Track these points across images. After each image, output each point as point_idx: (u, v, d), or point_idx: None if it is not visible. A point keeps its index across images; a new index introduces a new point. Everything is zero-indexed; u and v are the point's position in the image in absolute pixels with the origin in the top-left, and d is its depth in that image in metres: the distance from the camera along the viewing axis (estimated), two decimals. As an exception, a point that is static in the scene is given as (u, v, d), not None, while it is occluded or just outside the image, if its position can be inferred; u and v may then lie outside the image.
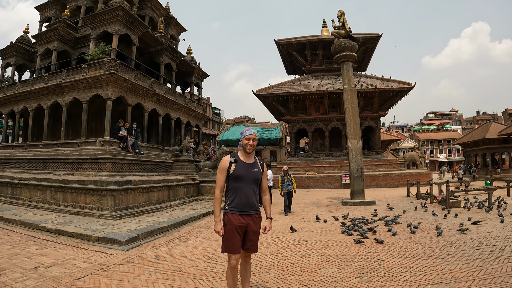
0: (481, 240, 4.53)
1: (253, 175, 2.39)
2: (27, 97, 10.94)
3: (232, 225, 2.32)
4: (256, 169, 2.42)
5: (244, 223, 2.34)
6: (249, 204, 2.36)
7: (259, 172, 2.44)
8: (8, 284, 2.96)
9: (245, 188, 2.36)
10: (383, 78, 19.70)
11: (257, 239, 2.44)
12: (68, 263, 3.67)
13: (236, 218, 2.32)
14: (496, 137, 25.00)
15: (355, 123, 9.91)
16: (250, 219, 2.37)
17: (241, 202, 2.35)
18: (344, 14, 10.31)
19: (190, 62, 14.14)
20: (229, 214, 2.37)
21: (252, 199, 2.38)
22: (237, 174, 2.35)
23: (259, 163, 2.50)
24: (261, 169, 2.47)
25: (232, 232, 2.31)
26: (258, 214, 2.44)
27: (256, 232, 2.42)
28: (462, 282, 2.89)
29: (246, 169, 2.38)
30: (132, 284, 3.03)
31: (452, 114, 64.19)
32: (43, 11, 12.81)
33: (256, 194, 2.44)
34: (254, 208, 2.40)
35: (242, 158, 2.43)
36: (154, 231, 5.31)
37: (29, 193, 7.81)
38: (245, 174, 2.36)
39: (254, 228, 2.39)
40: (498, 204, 7.97)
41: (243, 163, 2.40)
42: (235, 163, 2.38)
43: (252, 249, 2.43)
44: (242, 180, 2.35)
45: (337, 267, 3.48)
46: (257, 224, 2.42)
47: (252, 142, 2.42)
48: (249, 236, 2.38)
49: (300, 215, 7.48)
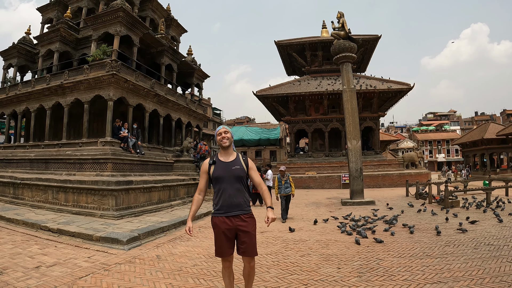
0: (480, 239, 4.55)
1: (234, 173, 2.26)
2: (29, 98, 11.00)
3: (219, 229, 2.24)
4: (237, 166, 2.29)
5: (231, 226, 2.22)
6: (234, 204, 2.24)
7: (241, 169, 2.29)
8: (10, 283, 2.97)
9: (228, 189, 2.24)
10: (382, 79, 19.75)
11: (252, 241, 2.25)
12: (70, 262, 3.69)
13: (222, 221, 2.23)
14: (494, 137, 25.08)
15: (355, 123, 9.93)
16: (238, 219, 2.24)
17: (225, 204, 2.24)
18: (344, 15, 10.36)
19: (190, 63, 14.19)
20: (215, 218, 2.28)
21: (238, 199, 2.25)
22: (216, 175, 2.27)
23: (241, 159, 2.35)
24: (244, 166, 2.32)
25: (219, 236, 2.24)
26: (247, 214, 2.29)
27: (248, 232, 2.24)
28: (460, 282, 2.90)
29: (226, 168, 2.27)
30: (133, 283, 3.05)
31: (451, 115, 64.26)
32: (45, 13, 12.88)
33: (242, 193, 2.29)
34: (242, 207, 2.26)
35: (221, 157, 2.34)
36: (155, 231, 5.35)
37: (31, 193, 7.85)
38: (225, 173, 2.26)
39: (244, 229, 2.23)
40: (496, 204, 8.00)
41: (222, 163, 2.30)
42: (213, 165, 2.30)
43: (249, 252, 2.24)
44: (223, 180, 2.25)
45: (337, 267, 3.49)
46: (248, 224, 2.26)
47: (225, 135, 2.32)
48: (240, 238, 2.24)
49: (300, 216, 7.50)
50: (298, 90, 19.47)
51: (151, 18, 13.00)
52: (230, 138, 2.36)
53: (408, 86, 18.79)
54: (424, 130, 56.84)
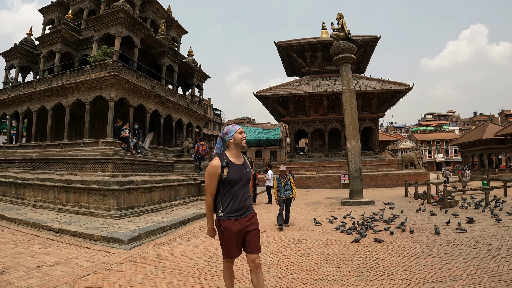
0: (478, 239, 4.56)
1: (246, 176, 2.27)
2: (30, 98, 11.06)
3: (230, 232, 2.20)
4: (247, 169, 2.30)
5: (241, 227, 2.24)
6: (245, 207, 2.26)
7: (249, 172, 2.32)
8: (12, 282, 2.98)
9: (239, 192, 2.22)
10: (382, 80, 19.81)
11: (258, 237, 2.32)
12: (71, 262, 3.71)
13: (234, 224, 2.21)
14: (493, 137, 25.15)
15: (354, 124, 9.97)
16: (246, 219, 2.27)
17: (237, 207, 2.22)
18: (343, 16, 10.40)
19: (191, 64, 14.25)
20: (225, 221, 2.22)
21: (248, 201, 2.30)
22: (231, 178, 2.18)
23: (247, 162, 2.38)
24: (251, 169, 2.36)
25: (230, 239, 2.22)
26: (253, 212, 2.36)
27: (255, 229, 2.31)
28: (459, 281, 2.91)
29: (239, 172, 2.23)
30: (134, 282, 3.06)
31: (450, 115, 64.34)
32: (46, 14, 12.95)
33: (249, 195, 2.36)
34: (250, 209, 2.32)
35: (232, 159, 2.24)
36: (156, 231, 5.37)
37: (32, 193, 7.89)
38: (239, 177, 2.21)
39: (252, 227, 2.29)
40: (495, 204, 8.02)
41: (235, 166, 2.23)
42: (226, 167, 2.20)
43: (256, 249, 2.28)
44: (236, 184, 2.21)
45: (336, 266, 3.51)
46: (254, 221, 2.33)
47: (244, 135, 2.31)
48: (248, 236, 2.28)
49: (300, 215, 7.52)
50: (298, 90, 19.52)
51: (152, 19, 13.06)
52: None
53: (407, 86, 18.84)
54: (423, 131, 57.01)
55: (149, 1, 12.71)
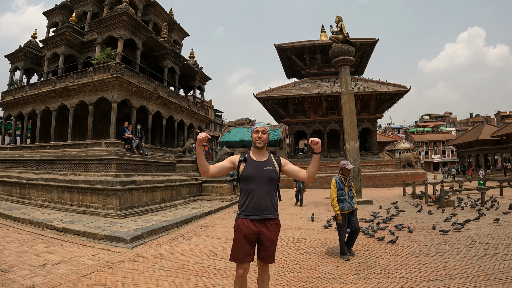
0: (475, 238, 4.61)
1: (266, 174, 2.08)
2: (35, 100, 11.19)
3: (240, 231, 2.08)
4: (269, 167, 2.11)
5: (255, 230, 2.07)
6: (261, 208, 2.07)
7: (273, 171, 2.12)
8: (16, 280, 3.01)
9: (256, 190, 2.06)
10: (380, 82, 19.95)
11: (274, 249, 2.14)
12: (75, 260, 3.75)
13: (246, 225, 2.07)
14: (489, 138, 25.23)
15: (353, 125, 10.04)
16: (263, 225, 2.08)
17: (252, 206, 2.07)
18: (342, 19, 10.50)
19: (192, 66, 14.38)
20: (238, 219, 2.12)
21: (266, 202, 2.08)
22: (245, 174, 2.09)
23: (274, 160, 2.18)
24: (276, 167, 2.15)
25: (240, 239, 2.08)
26: (274, 220, 2.13)
27: (272, 240, 2.12)
28: (456, 279, 2.95)
29: (257, 168, 2.09)
30: (137, 280, 3.09)
31: (447, 116, 64.35)
32: (50, 17, 13.13)
33: (271, 196, 2.12)
34: (268, 212, 2.10)
35: (253, 156, 2.16)
36: (158, 230, 5.44)
37: (37, 193, 7.99)
38: (255, 173, 2.08)
39: (268, 236, 2.09)
40: (491, 204, 8.07)
41: (253, 161, 2.12)
42: (244, 162, 2.12)
43: (268, 259, 2.12)
44: (252, 180, 2.08)
45: (335, 265, 3.56)
46: (272, 231, 2.11)
47: (261, 135, 2.14)
48: (263, 245, 2.10)
49: (299, 215, 7.58)
50: (297, 92, 19.64)
51: (154, 22, 13.20)
52: (265, 140, 2.16)
53: (405, 88, 18.95)
54: (420, 131, 57.12)
55: (151, 4, 12.87)
